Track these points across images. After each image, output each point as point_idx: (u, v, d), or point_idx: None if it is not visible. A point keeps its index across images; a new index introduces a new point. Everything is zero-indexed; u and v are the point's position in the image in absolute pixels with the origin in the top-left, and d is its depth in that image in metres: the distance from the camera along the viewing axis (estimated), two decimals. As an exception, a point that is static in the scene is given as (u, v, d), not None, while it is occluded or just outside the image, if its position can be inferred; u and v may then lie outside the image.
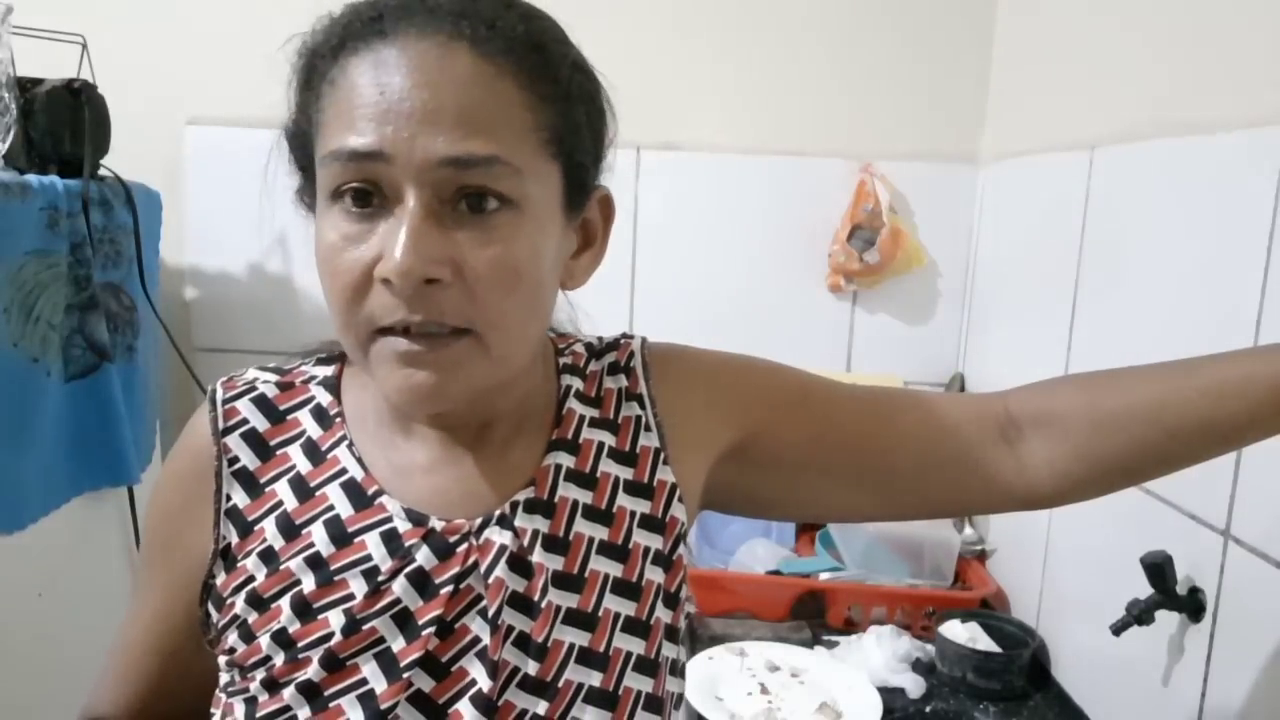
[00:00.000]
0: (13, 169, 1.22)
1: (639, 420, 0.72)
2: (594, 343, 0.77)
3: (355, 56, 0.58)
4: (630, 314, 1.76)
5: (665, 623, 0.68)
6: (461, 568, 0.63)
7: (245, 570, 0.64)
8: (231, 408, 0.68)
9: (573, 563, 0.65)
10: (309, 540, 0.64)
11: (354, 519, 0.64)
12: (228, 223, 1.69)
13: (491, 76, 0.57)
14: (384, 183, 0.57)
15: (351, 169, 0.57)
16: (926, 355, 1.77)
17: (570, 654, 0.63)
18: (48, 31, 1.29)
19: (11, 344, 1.14)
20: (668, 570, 0.69)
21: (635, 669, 0.65)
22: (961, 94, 1.72)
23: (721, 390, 0.75)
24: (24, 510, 1.18)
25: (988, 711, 1.23)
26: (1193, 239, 1.02)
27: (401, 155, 0.56)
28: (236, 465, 0.66)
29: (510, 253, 0.58)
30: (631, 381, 0.74)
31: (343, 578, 0.62)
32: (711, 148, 1.72)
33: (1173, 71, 1.10)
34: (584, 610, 0.65)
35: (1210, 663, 0.95)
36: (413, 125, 0.55)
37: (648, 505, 0.69)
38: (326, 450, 0.67)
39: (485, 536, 0.64)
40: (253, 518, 0.65)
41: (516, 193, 0.58)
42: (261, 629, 0.62)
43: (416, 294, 0.56)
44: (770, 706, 1.19)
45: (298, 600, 0.62)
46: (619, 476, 0.69)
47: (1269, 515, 0.88)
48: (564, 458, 0.69)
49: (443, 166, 0.56)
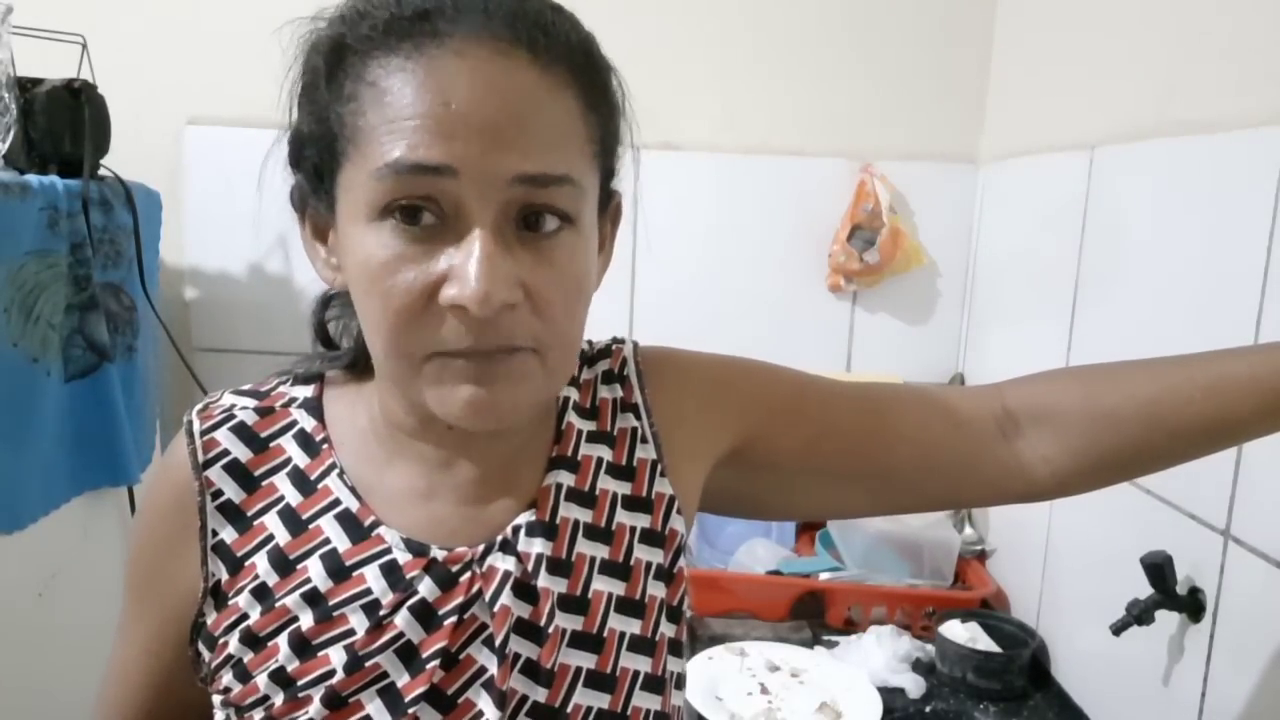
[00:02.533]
0: (13, 169, 1.22)
1: (635, 432, 0.70)
2: (584, 348, 0.74)
3: (401, 57, 0.53)
4: (630, 314, 1.76)
5: (669, 638, 0.66)
6: (465, 597, 0.61)
7: (238, 608, 0.62)
8: (210, 439, 0.65)
9: (575, 584, 0.63)
10: (305, 575, 0.61)
11: (351, 552, 0.62)
12: (228, 223, 1.69)
13: (554, 88, 0.55)
14: (445, 201, 0.54)
15: (411, 184, 0.53)
16: (926, 355, 1.77)
17: (578, 678, 0.62)
18: (48, 31, 1.29)
19: (11, 344, 1.14)
20: (669, 584, 0.67)
21: (644, 688, 0.64)
22: (961, 94, 1.72)
23: (717, 394, 0.74)
24: (24, 510, 1.18)
25: (988, 711, 1.23)
26: (1193, 239, 1.02)
27: (472, 171, 0.52)
28: (221, 499, 0.64)
29: (571, 272, 0.57)
30: (626, 391, 0.71)
31: (342, 613, 0.60)
32: (711, 148, 1.72)
33: (1173, 71, 1.10)
34: (589, 632, 0.63)
35: (1210, 663, 0.95)
36: (484, 140, 0.52)
37: (647, 520, 0.68)
38: (316, 480, 0.64)
39: (489, 564, 0.62)
40: (242, 553, 0.63)
41: (576, 210, 0.57)
42: (258, 668, 0.60)
43: (488, 320, 0.54)
44: (770, 706, 1.19)
45: (296, 638, 0.60)
46: (617, 492, 0.68)
47: (1269, 515, 0.88)
48: (565, 476, 0.66)
49: (515, 185, 0.53)
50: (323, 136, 0.58)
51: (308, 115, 0.59)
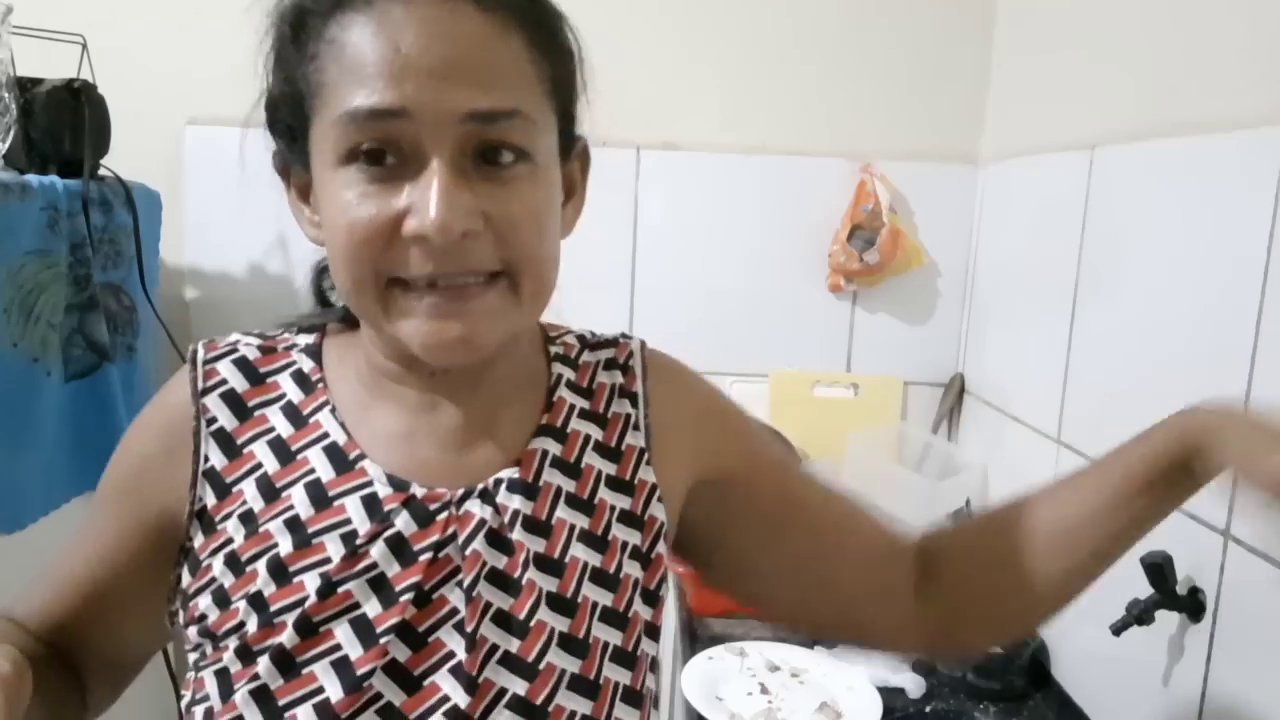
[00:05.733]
0: (13, 169, 1.22)
1: (628, 418, 0.72)
2: (586, 335, 0.77)
3: (356, 13, 0.57)
4: (630, 314, 1.76)
5: (645, 619, 0.67)
6: (441, 535, 0.62)
7: (225, 532, 0.63)
8: (211, 368, 0.67)
9: (554, 547, 0.65)
10: (289, 502, 0.63)
11: (334, 482, 0.63)
12: (228, 223, 1.69)
13: (499, 30, 0.58)
14: (403, 141, 0.57)
15: (369, 128, 0.57)
16: (926, 355, 1.77)
17: (552, 637, 0.62)
18: (48, 31, 1.29)
19: (11, 344, 1.14)
20: (646, 567, 0.68)
21: (613, 659, 0.64)
22: (961, 94, 1.72)
23: (716, 421, 0.76)
24: (24, 510, 1.18)
25: (988, 711, 1.23)
26: (1193, 239, 1.02)
27: (424, 112, 0.56)
28: (214, 425, 0.65)
29: (532, 201, 0.60)
30: (628, 379, 0.74)
31: (320, 540, 0.61)
32: (711, 148, 1.72)
33: (1173, 71, 1.10)
34: (564, 595, 0.64)
35: (1210, 663, 0.95)
36: (434, 81, 0.56)
37: (628, 501, 0.69)
38: (308, 415, 0.66)
39: (465, 508, 0.63)
40: (230, 479, 0.64)
41: (531, 145, 0.59)
42: (238, 592, 0.61)
43: (450, 248, 0.57)
44: (770, 706, 1.19)
45: (274, 562, 0.61)
46: (602, 470, 0.69)
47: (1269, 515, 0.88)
48: (551, 444, 0.68)
49: (467, 121, 0.57)
50: (293, 97, 0.62)
51: (279, 80, 0.63)
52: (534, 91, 0.60)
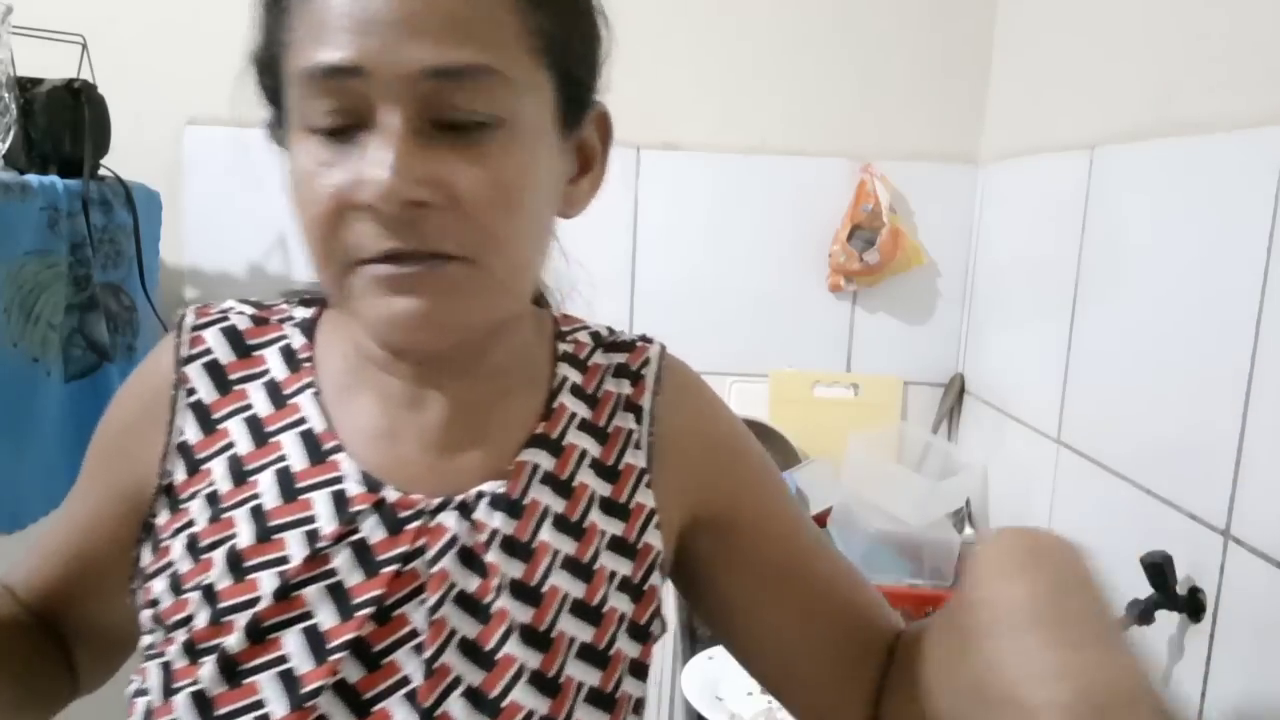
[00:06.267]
0: (13, 169, 1.22)
1: (630, 435, 0.66)
2: (602, 333, 0.71)
3: None
4: (630, 314, 1.76)
5: (630, 656, 0.61)
6: (409, 547, 0.57)
7: (189, 513, 0.59)
8: (198, 335, 0.64)
9: (533, 573, 0.59)
10: (255, 489, 0.58)
11: (305, 473, 0.59)
12: (228, 223, 1.69)
13: None
14: (360, 102, 0.52)
15: (326, 88, 0.52)
16: (926, 355, 1.77)
17: (520, 674, 0.56)
18: (48, 31, 1.29)
19: (11, 344, 1.14)
20: (636, 600, 0.62)
21: (589, 701, 0.58)
22: (961, 94, 1.72)
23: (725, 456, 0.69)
24: (24, 510, 1.18)
25: (988, 711, 1.22)
26: (1193, 239, 1.02)
27: (381, 68, 0.50)
28: (193, 397, 0.62)
29: (503, 173, 0.53)
30: (636, 389, 0.67)
31: (281, 537, 0.57)
32: (711, 148, 1.72)
33: (1173, 71, 1.10)
34: (537, 628, 0.58)
35: (1210, 663, 0.95)
36: (394, 34, 0.50)
37: (621, 527, 0.63)
38: (289, 395, 0.62)
39: (439, 520, 0.58)
40: (201, 455, 0.60)
41: (507, 108, 0.53)
42: (191, 580, 0.57)
43: (402, 219, 0.52)
44: (770, 706, 1.19)
45: (231, 554, 0.57)
46: (596, 491, 0.63)
47: (1269, 515, 0.88)
48: (544, 458, 0.62)
49: (427, 79, 0.51)
50: (270, 61, 0.58)
51: (261, 43, 0.59)
52: (515, 47, 0.53)
